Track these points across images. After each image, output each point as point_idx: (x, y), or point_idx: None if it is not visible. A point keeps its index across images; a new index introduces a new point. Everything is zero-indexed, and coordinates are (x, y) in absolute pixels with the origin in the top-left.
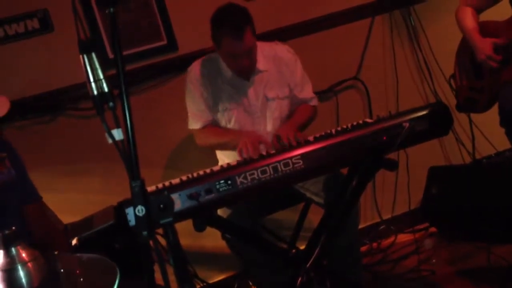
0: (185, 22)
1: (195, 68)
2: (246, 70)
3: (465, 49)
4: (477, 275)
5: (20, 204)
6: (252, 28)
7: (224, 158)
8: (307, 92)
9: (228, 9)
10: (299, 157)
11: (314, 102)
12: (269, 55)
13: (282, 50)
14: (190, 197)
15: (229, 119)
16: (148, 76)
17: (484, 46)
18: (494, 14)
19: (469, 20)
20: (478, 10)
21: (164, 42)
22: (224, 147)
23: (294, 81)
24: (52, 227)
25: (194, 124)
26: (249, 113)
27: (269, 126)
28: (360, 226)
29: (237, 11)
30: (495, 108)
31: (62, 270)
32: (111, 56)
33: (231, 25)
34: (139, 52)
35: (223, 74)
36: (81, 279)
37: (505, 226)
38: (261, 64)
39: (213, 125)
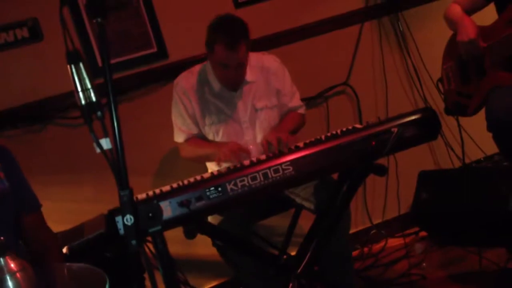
0: (175, 30)
1: (182, 81)
2: (232, 82)
3: (452, 53)
4: (468, 279)
5: (17, 214)
6: (248, 43)
7: (213, 166)
8: (296, 101)
9: (229, 18)
10: (289, 163)
11: (302, 110)
12: (257, 66)
13: (269, 60)
14: (181, 204)
15: (217, 132)
16: (138, 84)
17: (470, 30)
18: (481, 19)
19: (457, 8)
20: (467, 11)
21: (154, 49)
22: (207, 159)
23: (283, 90)
24: (50, 238)
25: (179, 137)
26: (238, 125)
27: (258, 137)
28: (351, 231)
29: (237, 22)
30: (483, 112)
31: (51, 280)
32: (100, 64)
33: (227, 34)
34: (129, 60)
35: (211, 86)
36: None
37: (495, 229)
38: (248, 75)
39: (196, 138)
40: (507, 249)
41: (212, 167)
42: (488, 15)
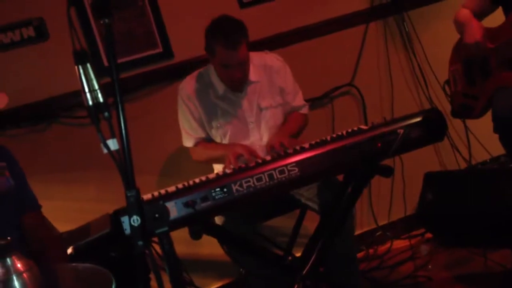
0: (180, 30)
1: (186, 85)
2: (237, 82)
3: (459, 55)
4: (473, 280)
5: (18, 213)
6: (247, 41)
7: (219, 166)
8: (299, 100)
9: (225, 19)
10: (294, 164)
11: (305, 110)
12: (260, 65)
13: (271, 58)
14: (186, 205)
15: (224, 134)
16: (144, 84)
17: (476, 31)
18: (490, 23)
19: (466, 12)
20: (476, 15)
21: (160, 49)
22: (218, 161)
23: (286, 88)
24: (50, 236)
25: (188, 142)
26: (245, 126)
27: (265, 136)
28: (357, 233)
29: (233, 22)
30: (490, 114)
31: (57, 280)
32: (106, 64)
33: (226, 35)
34: (135, 60)
35: (215, 89)
36: None
37: (501, 231)
38: (252, 75)
39: (205, 141)
40: None
41: (218, 167)
42: (498, 19)
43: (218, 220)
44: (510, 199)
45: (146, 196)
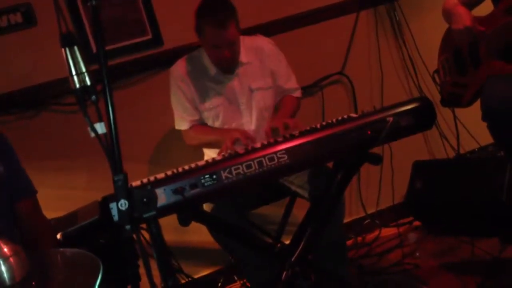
0: (170, 17)
1: (178, 67)
2: (227, 62)
3: (448, 45)
4: (461, 268)
5: (11, 200)
6: (237, 22)
7: (210, 153)
8: (292, 83)
9: (214, 0)
10: (284, 151)
11: (299, 93)
12: (251, 47)
13: (263, 41)
14: (175, 191)
15: (216, 116)
16: (133, 71)
17: (465, 17)
18: (477, 11)
19: (453, 0)
20: (465, 5)
21: (149, 36)
22: (213, 145)
23: (278, 71)
24: (44, 224)
25: (182, 125)
26: (236, 107)
27: (254, 118)
28: (345, 220)
29: (222, 1)
30: (478, 103)
31: (44, 265)
32: (95, 50)
33: (215, 15)
34: (124, 47)
35: (207, 71)
36: (64, 274)
37: (488, 219)
38: (243, 56)
39: (200, 124)
40: (500, 239)
41: (209, 154)
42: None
43: (207, 207)
44: (497, 189)
45: (135, 183)
